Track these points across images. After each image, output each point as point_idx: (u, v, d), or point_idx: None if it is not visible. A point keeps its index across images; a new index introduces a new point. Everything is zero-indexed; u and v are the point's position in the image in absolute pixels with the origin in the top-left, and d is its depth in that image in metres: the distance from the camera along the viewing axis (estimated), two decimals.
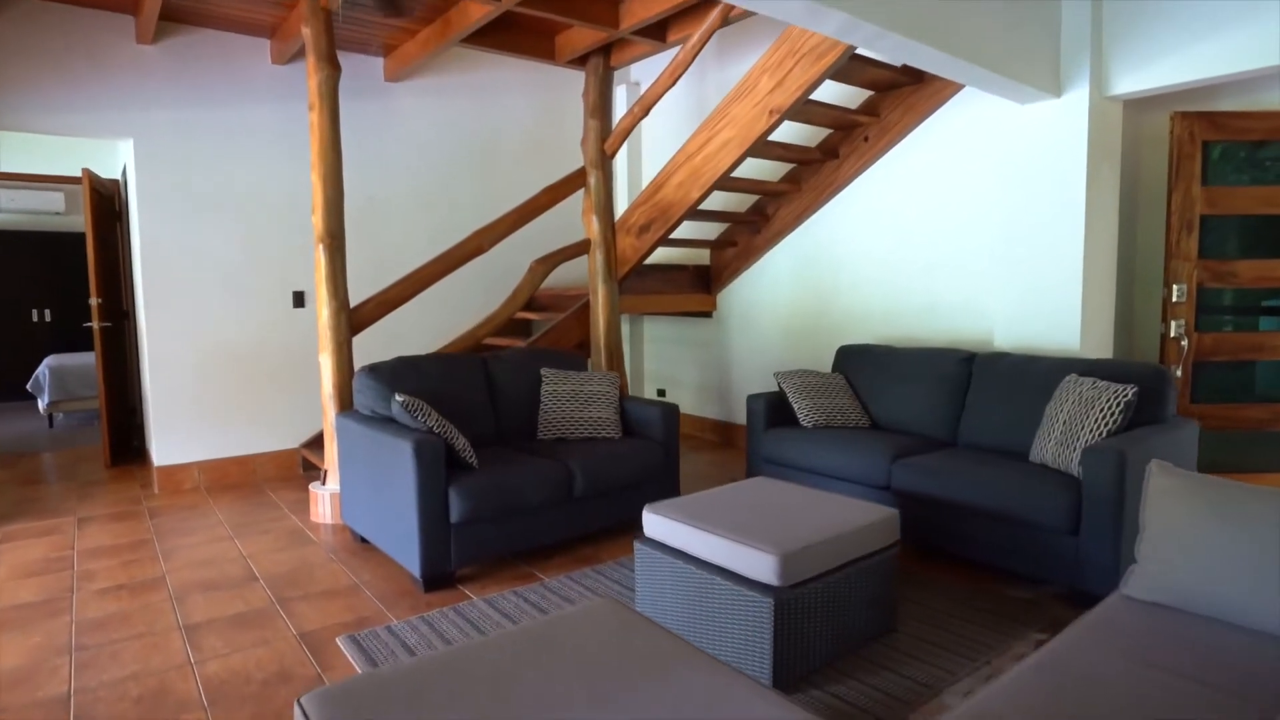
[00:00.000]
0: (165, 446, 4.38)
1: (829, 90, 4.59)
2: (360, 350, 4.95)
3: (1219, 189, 3.57)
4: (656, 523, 2.43)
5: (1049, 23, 3.34)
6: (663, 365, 6.15)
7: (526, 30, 4.63)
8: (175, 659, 2.38)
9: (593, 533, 3.55)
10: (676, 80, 3.92)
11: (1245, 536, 1.62)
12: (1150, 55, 3.22)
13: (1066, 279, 3.44)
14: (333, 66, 3.56)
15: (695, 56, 3.74)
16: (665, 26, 4.47)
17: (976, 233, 4.00)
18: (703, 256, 5.63)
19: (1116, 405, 2.73)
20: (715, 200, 5.36)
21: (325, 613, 2.71)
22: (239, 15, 4.16)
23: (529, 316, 4.97)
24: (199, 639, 2.52)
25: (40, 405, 6.52)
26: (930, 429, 3.57)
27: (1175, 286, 3.60)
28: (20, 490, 4.48)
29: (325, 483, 3.84)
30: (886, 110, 4.28)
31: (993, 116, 3.90)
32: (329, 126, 3.58)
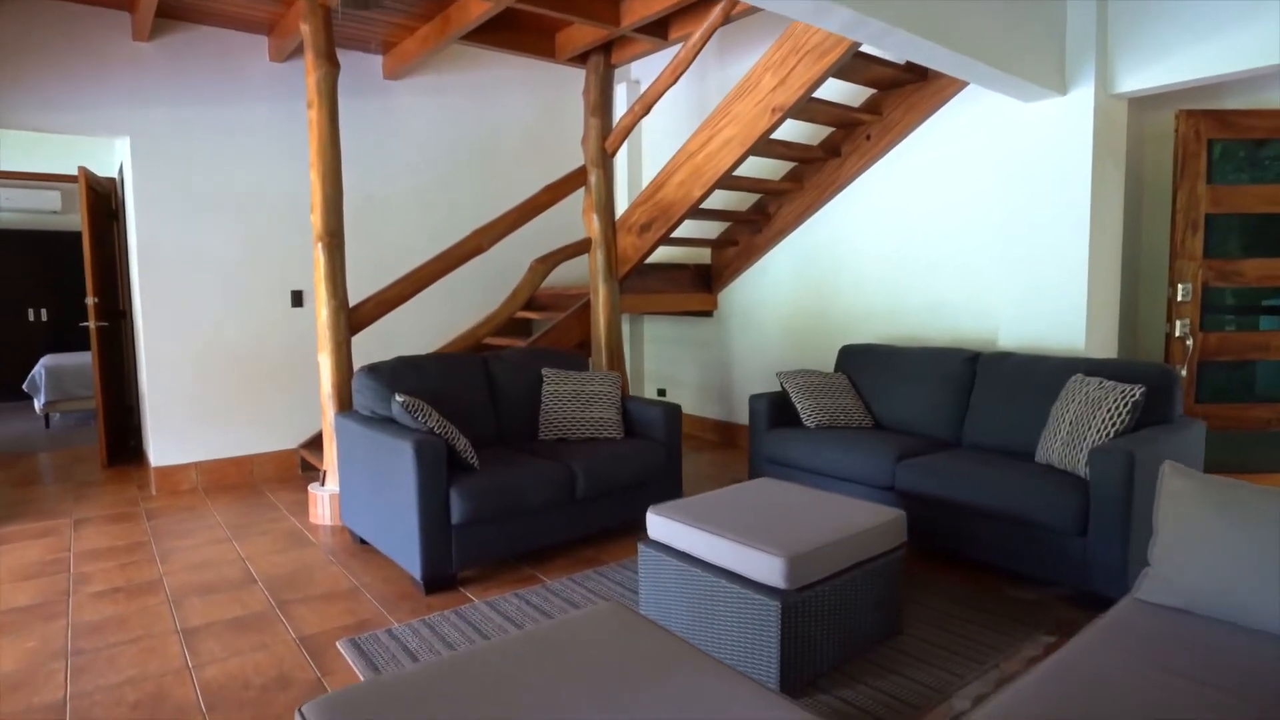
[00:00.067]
0: (162, 447, 4.35)
1: (831, 88, 4.57)
2: (359, 350, 4.92)
3: (1224, 187, 3.55)
4: (660, 524, 2.41)
5: (1054, 20, 3.32)
6: (663, 365, 6.12)
7: (527, 27, 4.60)
8: (173, 663, 2.35)
9: (595, 534, 3.52)
10: (678, 78, 3.89)
11: (1260, 539, 1.60)
12: (1156, 53, 3.20)
13: (1071, 278, 3.42)
14: (331, 64, 3.53)
15: (697, 54, 3.71)
16: (667, 24, 4.44)
17: (979, 232, 3.98)
18: (704, 255, 5.60)
19: (1124, 405, 2.71)
20: (716, 199, 5.33)
21: (325, 616, 2.68)
22: (236, 12, 4.13)
23: (529, 316, 4.94)
24: (197, 643, 2.49)
25: (36, 405, 6.48)
26: (934, 429, 3.55)
27: (1180, 286, 3.58)
28: (16, 491, 4.44)
29: (324, 484, 3.81)
30: (889, 108, 4.25)
31: (995, 115, 3.88)
32: (328, 124, 3.54)
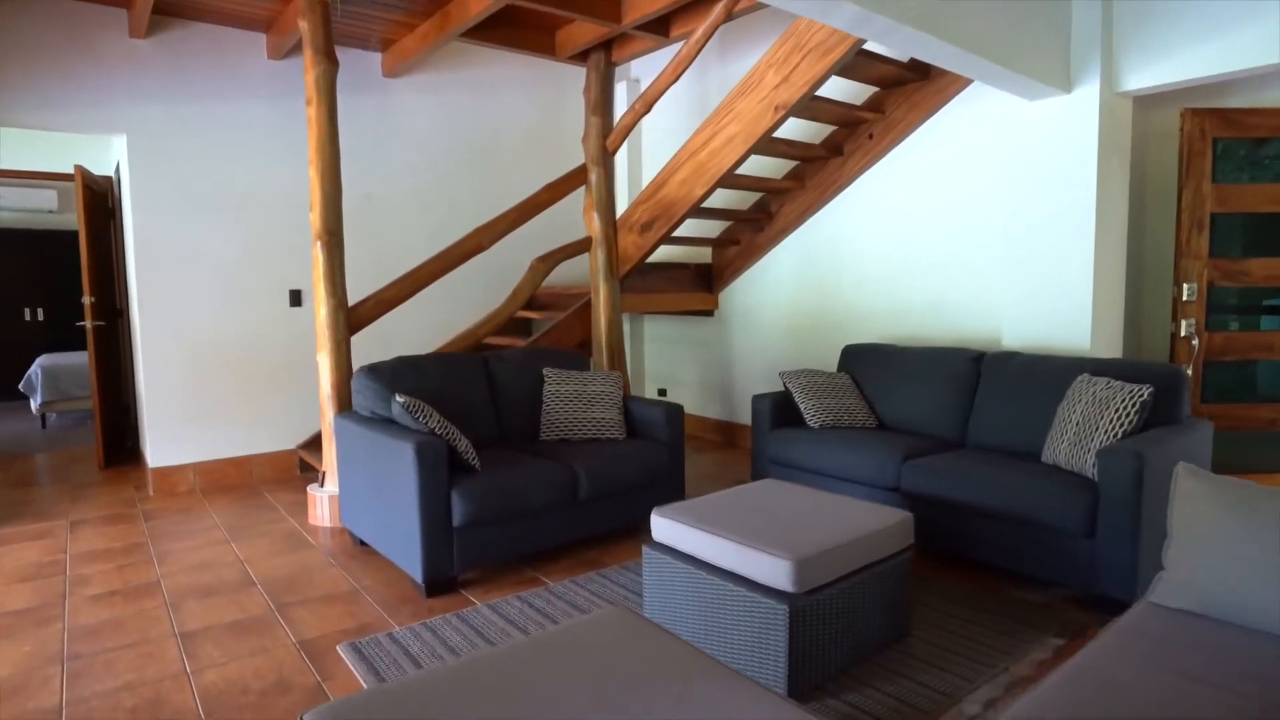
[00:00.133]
0: (160, 447, 4.31)
1: (833, 86, 4.54)
2: (358, 350, 4.88)
3: (1229, 186, 3.53)
4: (665, 527, 2.38)
5: (1059, 18, 3.29)
6: (664, 365, 6.09)
7: (527, 25, 4.57)
8: (171, 668, 2.32)
9: (597, 535, 3.49)
10: (679, 76, 3.86)
11: (1276, 542, 1.57)
12: (1161, 51, 3.18)
13: (1077, 277, 3.39)
14: (330, 61, 3.50)
15: (699, 52, 3.68)
16: (668, 21, 4.41)
17: (981, 231, 3.96)
18: (704, 255, 5.57)
19: (1132, 406, 2.68)
20: (717, 198, 5.30)
21: (325, 619, 2.65)
22: (234, 9, 4.09)
23: (529, 315, 4.91)
24: (195, 647, 2.46)
25: (33, 405, 6.44)
26: (939, 429, 3.52)
27: (1186, 285, 3.56)
28: (12, 492, 4.39)
29: (324, 485, 3.77)
30: (891, 107, 4.23)
31: (999, 113, 3.85)
32: (326, 122, 3.51)
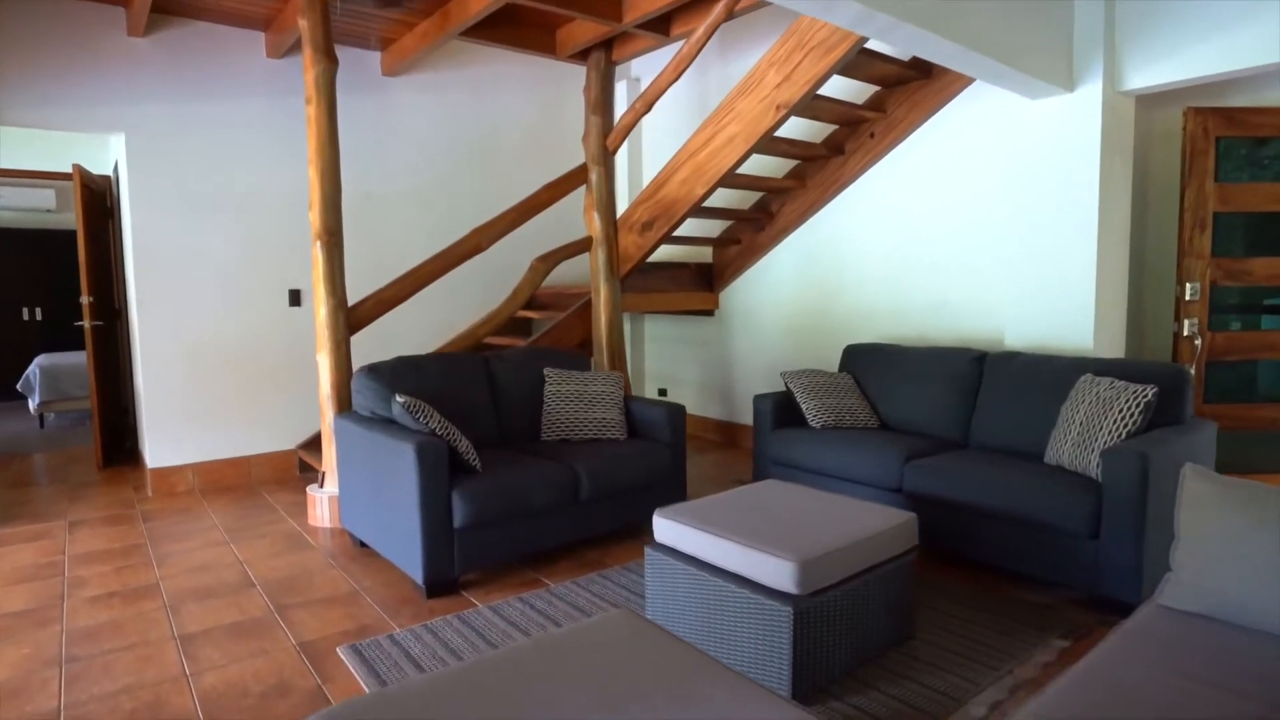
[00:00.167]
0: (159, 448, 4.29)
1: (835, 85, 4.53)
2: (357, 350, 4.86)
3: (1231, 186, 3.52)
4: (667, 528, 2.36)
5: (1062, 16, 3.28)
6: (664, 364, 6.08)
7: (527, 24, 4.55)
8: (170, 671, 2.30)
9: (599, 536, 3.47)
10: (680, 75, 3.85)
11: None
12: (1164, 49, 3.16)
13: (1080, 277, 3.38)
14: (330, 59, 3.48)
15: (700, 50, 3.67)
16: (669, 20, 4.40)
17: (983, 230, 3.94)
18: (705, 254, 5.56)
19: (1136, 406, 2.67)
20: (718, 197, 5.29)
21: (325, 621, 2.63)
22: (233, 7, 4.07)
23: (530, 315, 4.89)
24: (195, 649, 2.44)
25: (31, 405, 6.41)
26: (941, 429, 3.51)
27: (1189, 285, 3.55)
28: (10, 493, 4.37)
29: (323, 485, 3.76)
30: (893, 106, 4.21)
31: (1000, 112, 3.84)
32: (326, 121, 3.49)
